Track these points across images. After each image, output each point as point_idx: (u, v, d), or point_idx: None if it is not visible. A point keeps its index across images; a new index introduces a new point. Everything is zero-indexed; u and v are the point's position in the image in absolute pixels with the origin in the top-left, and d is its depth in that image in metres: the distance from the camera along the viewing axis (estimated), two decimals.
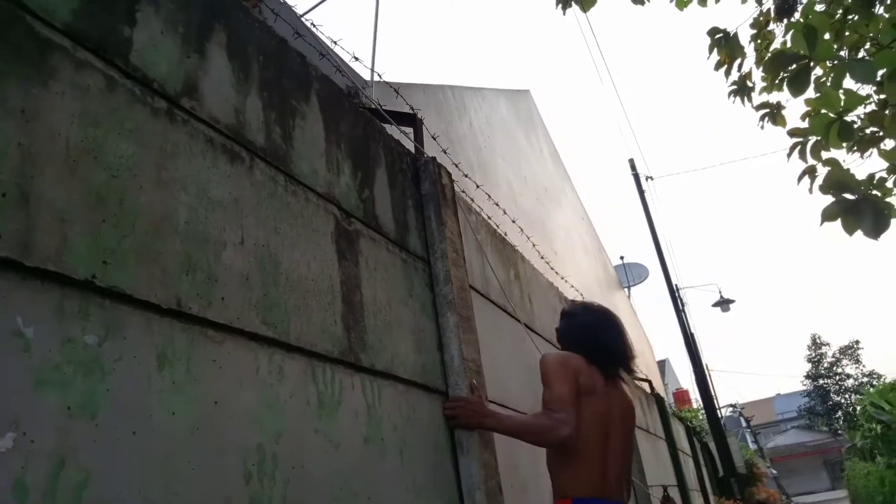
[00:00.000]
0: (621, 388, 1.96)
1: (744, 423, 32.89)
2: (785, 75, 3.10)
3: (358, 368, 1.46)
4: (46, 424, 0.76)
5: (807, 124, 3.22)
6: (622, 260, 16.68)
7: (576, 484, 1.75)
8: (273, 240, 1.31)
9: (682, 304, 13.55)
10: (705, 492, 9.67)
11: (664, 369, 21.41)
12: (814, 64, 3.28)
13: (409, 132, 2.49)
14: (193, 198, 1.12)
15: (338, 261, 1.52)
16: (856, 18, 3.46)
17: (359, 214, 1.70)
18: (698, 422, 13.21)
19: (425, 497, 1.59)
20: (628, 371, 2.00)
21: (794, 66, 2.84)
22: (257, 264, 1.23)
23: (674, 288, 13.11)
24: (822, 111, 2.92)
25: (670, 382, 22.07)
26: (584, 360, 1.85)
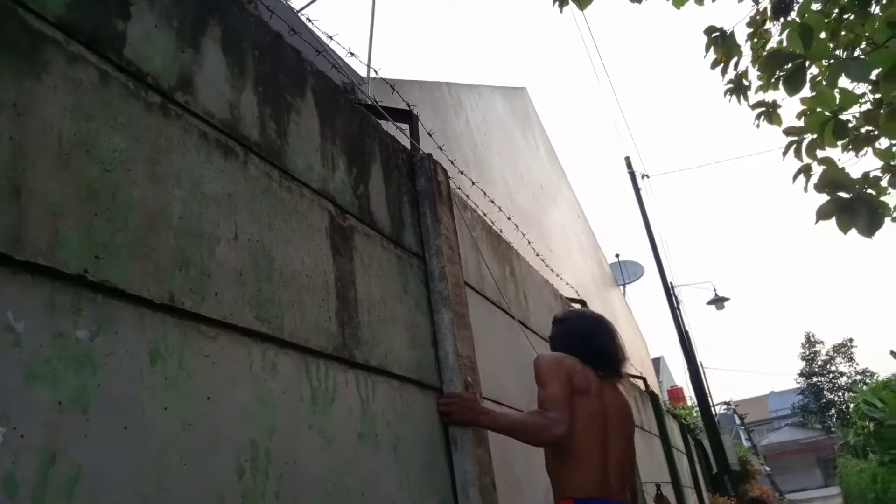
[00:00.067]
0: (617, 389, 1.97)
1: (738, 421, 33.04)
2: (781, 74, 3.11)
3: (352, 364, 1.46)
4: (37, 419, 0.75)
5: (802, 123, 3.23)
6: (618, 258, 16.71)
7: (577, 484, 1.74)
8: (267, 235, 1.30)
9: (677, 301, 13.60)
10: (699, 489, 9.71)
11: (659, 367, 21.48)
12: (810, 63, 3.29)
13: (405, 129, 2.49)
14: (187, 193, 1.12)
15: (332, 257, 1.52)
16: (852, 18, 3.47)
17: (354, 210, 1.69)
18: (692, 419, 13.26)
19: (419, 493, 1.59)
20: (619, 374, 2.01)
21: (790, 65, 2.84)
22: (251, 260, 1.23)
23: (669, 286, 13.16)
24: (818, 109, 2.93)
25: (665, 380, 22.15)
26: (579, 360, 1.87)
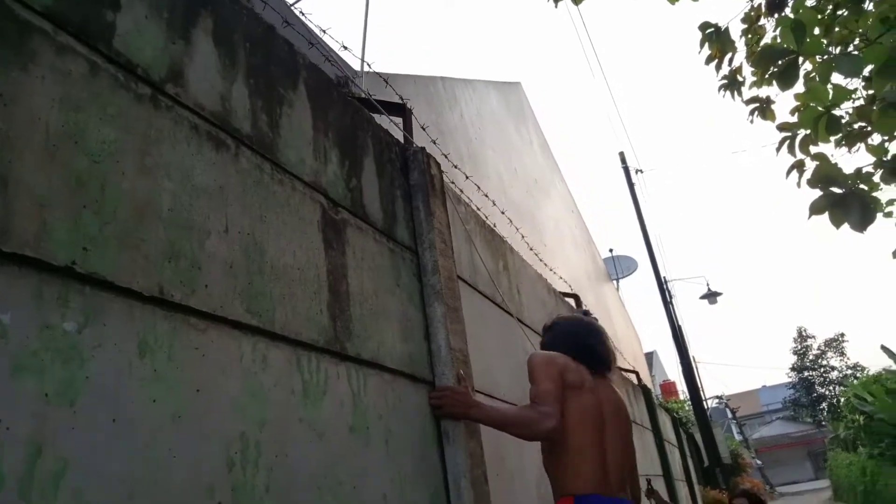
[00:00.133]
0: (611, 386, 2.00)
1: (729, 415, 33.27)
2: (774, 70, 3.11)
3: (344, 357, 1.46)
4: (23, 412, 0.75)
5: (796, 119, 3.24)
6: (611, 252, 16.77)
7: (576, 481, 1.74)
8: (258, 228, 1.30)
9: (670, 296, 13.65)
10: (690, 482, 9.77)
11: (652, 361, 21.58)
12: (804, 59, 3.29)
13: (398, 122, 2.48)
14: (177, 185, 1.11)
15: (324, 250, 1.52)
16: (845, 14, 3.47)
17: (346, 203, 1.69)
18: (684, 413, 13.35)
19: (411, 485, 1.59)
20: (610, 370, 2.04)
21: (783, 60, 2.85)
22: (242, 252, 1.22)
23: (662, 280, 13.21)
24: (811, 105, 2.94)
25: (658, 374, 22.26)
26: (571, 359, 1.89)
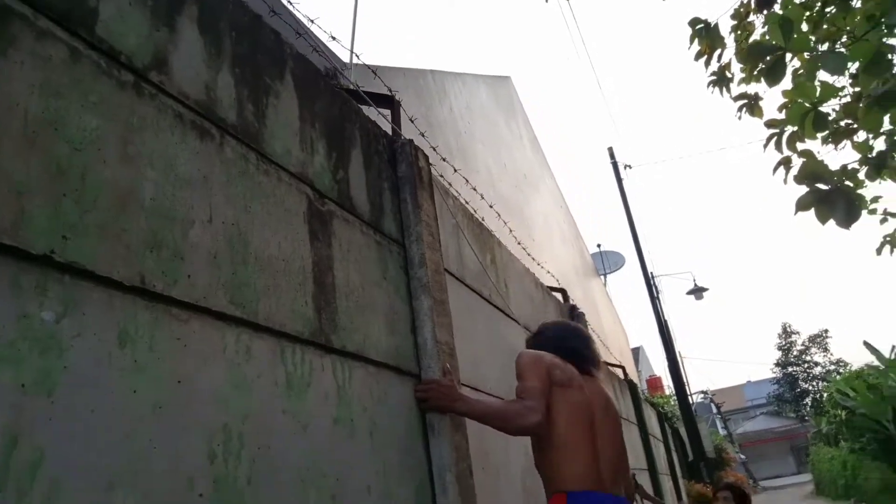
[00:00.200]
0: (599, 384, 2.04)
1: (714, 410, 33.61)
2: (762, 66, 3.13)
3: (329, 350, 1.45)
4: None
5: (783, 116, 3.26)
6: (599, 248, 16.84)
7: (569, 477, 1.74)
8: (243, 219, 1.29)
9: (657, 291, 13.74)
10: (675, 476, 9.86)
11: (638, 356, 21.73)
12: (792, 56, 3.31)
13: (387, 115, 2.47)
14: (160, 174, 1.10)
15: (310, 241, 1.51)
16: (833, 11, 3.50)
17: (332, 195, 1.68)
18: (670, 407, 13.46)
19: (395, 478, 1.59)
20: (597, 367, 2.10)
21: (770, 56, 2.86)
22: (226, 243, 1.21)
23: (649, 276, 13.28)
24: (799, 101, 2.96)
25: (644, 369, 22.41)
26: (559, 358, 1.92)
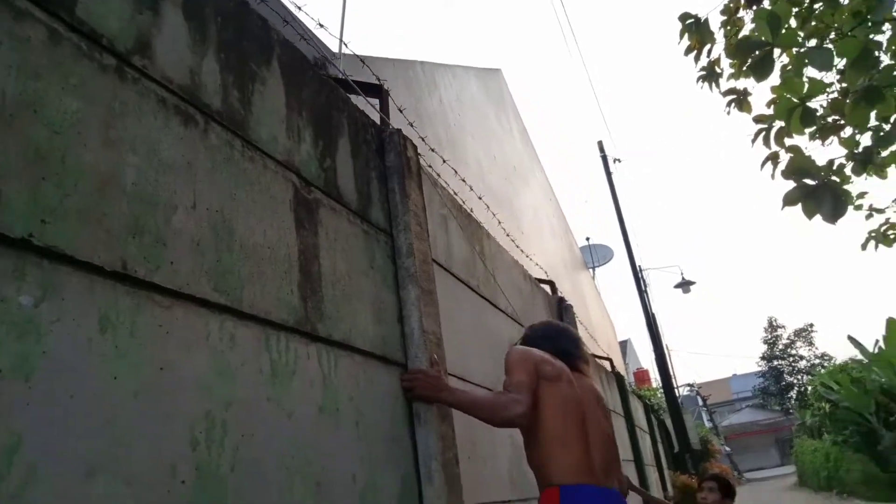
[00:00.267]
0: (589, 381, 2.06)
1: (700, 402, 33.94)
2: (751, 61, 3.14)
3: (314, 338, 1.45)
4: None
5: (772, 111, 3.28)
6: (588, 241, 16.90)
7: (562, 471, 1.74)
8: (228, 206, 1.28)
9: (645, 285, 13.82)
10: (661, 467, 9.96)
11: (626, 349, 21.87)
12: (781, 52, 3.33)
13: (375, 104, 2.45)
14: (143, 159, 1.09)
15: (296, 230, 1.50)
16: (821, 7, 3.51)
17: (319, 184, 1.67)
18: (656, 400, 13.57)
19: (381, 466, 1.59)
20: (587, 363, 2.12)
21: (758, 52, 2.88)
22: (210, 230, 1.20)
23: (637, 269, 13.36)
24: (786, 96, 2.97)
25: (632, 362, 22.58)
26: (549, 353, 1.94)
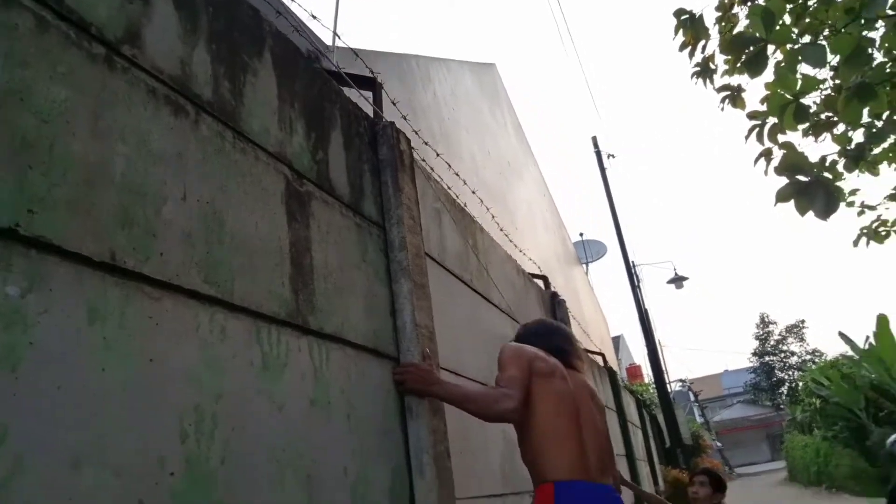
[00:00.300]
0: (583, 378, 2.07)
1: (692, 398, 34.15)
2: (745, 57, 3.14)
3: (306, 331, 1.44)
4: None
5: (765, 108, 3.29)
6: (581, 236, 16.92)
7: (556, 467, 1.74)
8: (219, 197, 1.27)
9: (638, 280, 13.87)
10: (652, 461, 10.01)
11: (619, 345, 21.94)
12: (774, 48, 3.33)
13: (368, 97, 2.44)
14: (132, 149, 1.08)
15: (287, 222, 1.49)
16: (815, 4, 3.52)
17: (311, 176, 1.66)
18: (649, 395, 13.63)
19: (372, 459, 1.59)
20: (580, 360, 2.14)
21: (752, 48, 2.88)
22: (201, 221, 1.19)
23: (630, 265, 13.39)
24: (779, 92, 2.98)
25: (624, 358, 22.66)
26: (543, 350, 1.94)
